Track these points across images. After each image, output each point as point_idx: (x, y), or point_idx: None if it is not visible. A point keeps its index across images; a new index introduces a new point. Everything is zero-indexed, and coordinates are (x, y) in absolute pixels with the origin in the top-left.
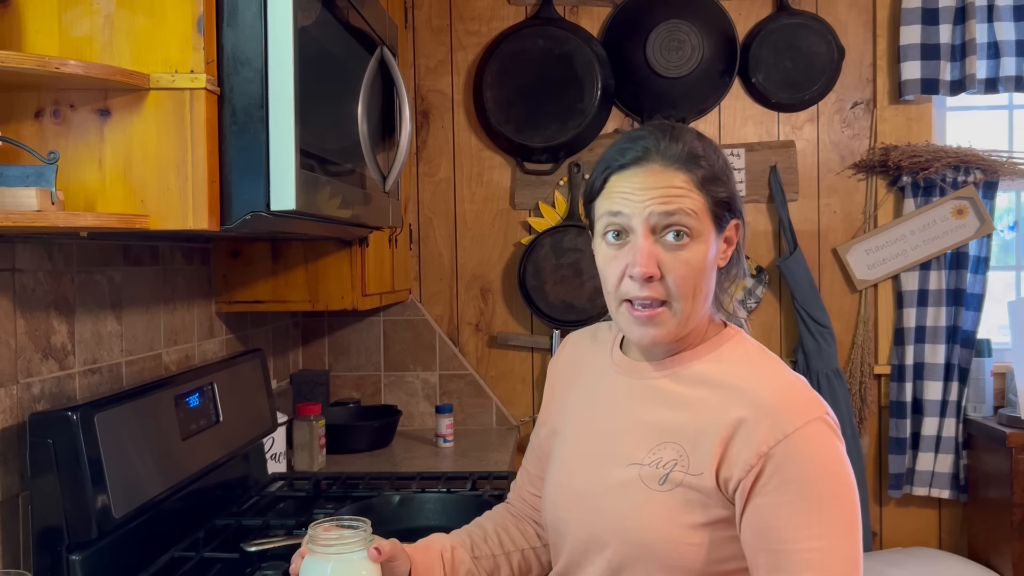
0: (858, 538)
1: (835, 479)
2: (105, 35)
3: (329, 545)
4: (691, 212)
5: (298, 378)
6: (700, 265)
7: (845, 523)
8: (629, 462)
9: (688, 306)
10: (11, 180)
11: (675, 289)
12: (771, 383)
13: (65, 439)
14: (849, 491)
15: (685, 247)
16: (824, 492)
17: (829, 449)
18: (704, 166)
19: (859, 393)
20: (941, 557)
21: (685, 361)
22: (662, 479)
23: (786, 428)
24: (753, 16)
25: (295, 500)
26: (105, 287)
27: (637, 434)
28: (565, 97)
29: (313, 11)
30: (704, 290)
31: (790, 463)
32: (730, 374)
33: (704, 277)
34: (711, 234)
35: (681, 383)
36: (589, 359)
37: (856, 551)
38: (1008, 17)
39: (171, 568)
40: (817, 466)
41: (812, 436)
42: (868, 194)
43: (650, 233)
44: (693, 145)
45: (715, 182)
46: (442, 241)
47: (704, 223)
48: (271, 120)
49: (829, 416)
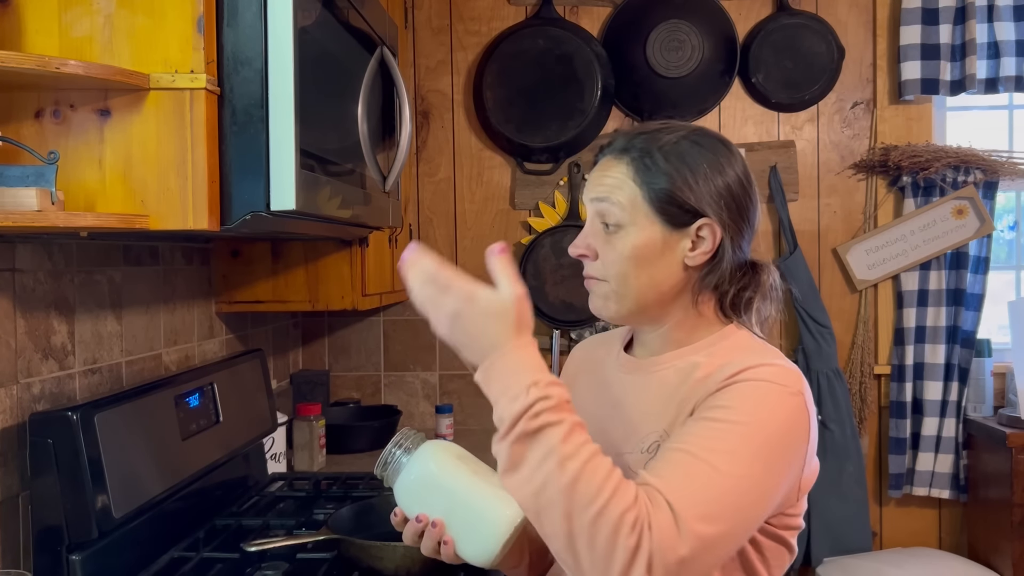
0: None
1: (755, 428)
2: (105, 35)
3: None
4: (617, 202)
5: (298, 378)
6: (627, 252)
7: (747, 458)
8: (622, 452)
9: (622, 287)
10: (11, 180)
11: (604, 270)
12: (760, 356)
13: (65, 439)
14: (762, 450)
15: (614, 234)
16: (739, 426)
17: (772, 409)
18: (639, 158)
19: (859, 393)
20: (941, 557)
21: (683, 356)
22: (647, 465)
23: (743, 376)
24: (753, 16)
25: (295, 500)
26: (105, 287)
27: (631, 426)
28: (565, 97)
29: (313, 11)
30: (643, 278)
31: (727, 392)
32: (720, 359)
33: (637, 265)
34: (650, 227)
35: (676, 374)
36: (597, 361)
37: (743, 493)
38: (1008, 17)
39: (171, 568)
40: (749, 406)
41: (762, 389)
42: (868, 194)
43: (596, 218)
44: (645, 141)
45: (652, 174)
46: (442, 241)
47: (637, 214)
48: (271, 120)
49: (802, 395)
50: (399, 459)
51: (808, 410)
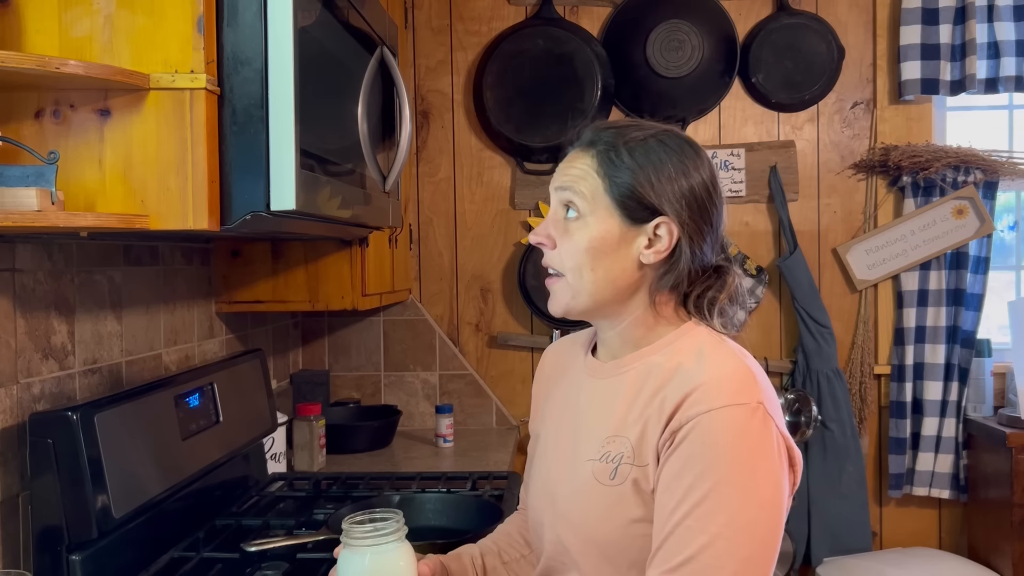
0: (744, 533)
1: (735, 466)
2: (105, 35)
3: (364, 537)
4: (580, 191)
5: (298, 378)
6: (584, 243)
7: (733, 513)
8: (586, 459)
9: (577, 281)
10: (11, 180)
11: (560, 260)
12: (708, 366)
13: (65, 439)
14: (749, 483)
15: (573, 222)
16: (716, 477)
17: (742, 436)
18: (604, 151)
19: (859, 393)
20: (941, 557)
21: (643, 357)
22: (612, 473)
23: (701, 407)
24: (753, 16)
25: (295, 500)
26: (105, 287)
27: (595, 432)
28: (565, 97)
29: (313, 11)
30: (599, 272)
31: (694, 439)
32: (676, 363)
33: (594, 257)
34: (609, 220)
35: (636, 377)
36: (567, 365)
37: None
38: (1008, 17)
39: (171, 568)
40: (719, 449)
41: (725, 419)
42: (868, 194)
43: (558, 207)
44: (613, 135)
45: (616, 167)
46: (442, 241)
47: (597, 206)
48: (271, 120)
49: (761, 405)
50: (378, 536)
51: (772, 416)
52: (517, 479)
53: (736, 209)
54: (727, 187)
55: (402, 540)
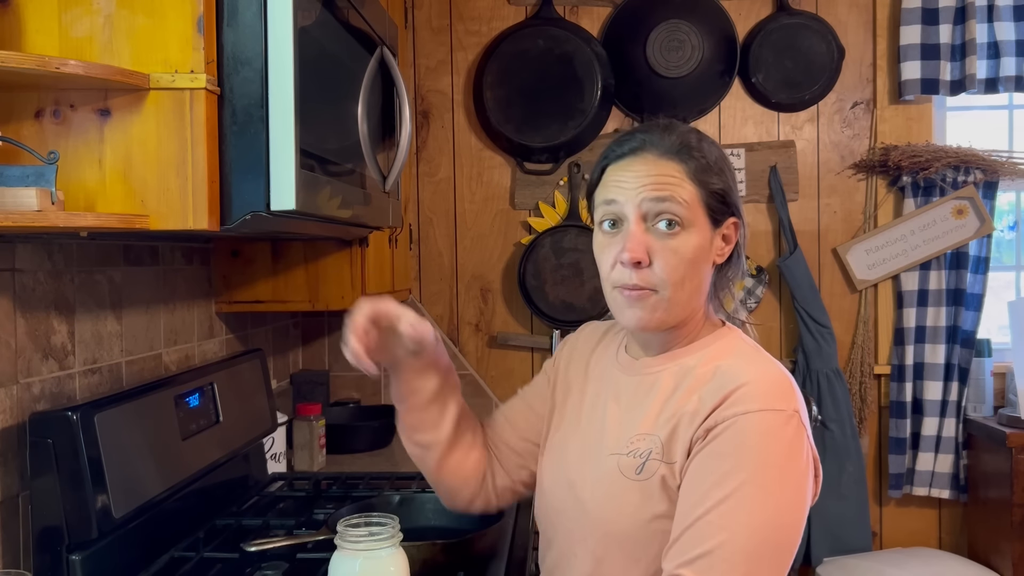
0: (762, 536)
1: (763, 469)
2: (105, 35)
3: (358, 541)
4: (682, 201)
5: (298, 378)
6: (689, 255)
7: (755, 514)
8: (611, 452)
9: (676, 294)
10: (11, 180)
11: (663, 276)
12: (751, 369)
13: (65, 439)
14: (774, 487)
15: (675, 235)
16: (743, 477)
17: (775, 441)
18: (697, 157)
19: (859, 393)
20: (941, 557)
21: (678, 357)
22: (639, 468)
23: (739, 408)
24: (753, 16)
25: (295, 500)
26: (105, 287)
27: (625, 428)
28: (565, 97)
29: (313, 11)
30: (695, 281)
31: (728, 438)
32: (713, 365)
33: (694, 268)
34: (704, 226)
35: (671, 377)
36: (598, 354)
37: (756, 548)
38: (1008, 17)
39: (171, 568)
40: (751, 451)
41: (761, 423)
42: (868, 194)
43: (642, 220)
44: (687, 137)
45: (708, 173)
46: (442, 241)
47: (696, 214)
48: (271, 120)
49: (797, 414)
50: (372, 541)
51: (805, 426)
52: None
53: None
54: None
55: (396, 547)
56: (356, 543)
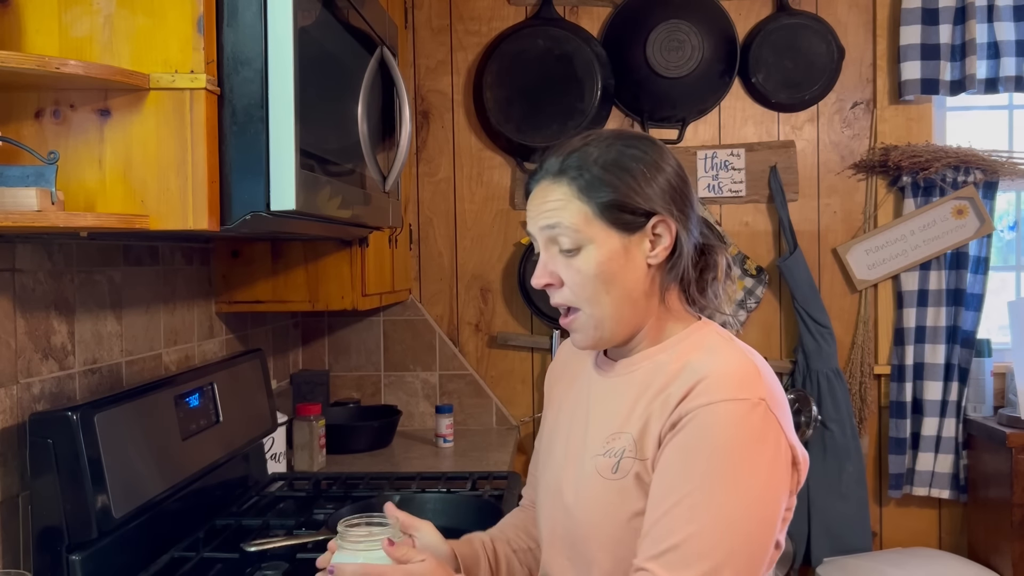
0: (731, 526)
1: (728, 460)
2: (105, 35)
3: (358, 541)
4: (569, 224)
5: (298, 378)
6: (593, 271)
7: (723, 505)
8: (592, 455)
9: (597, 310)
10: (11, 180)
11: (574, 296)
12: (714, 361)
13: (65, 439)
14: (741, 477)
15: (575, 255)
16: (708, 469)
17: (739, 430)
18: (582, 173)
19: (859, 393)
20: (941, 557)
21: (652, 355)
22: (614, 467)
23: (702, 400)
24: (753, 16)
25: (295, 500)
26: (105, 287)
27: (602, 429)
28: (565, 97)
29: (313, 11)
30: (615, 293)
31: (692, 431)
32: (683, 361)
33: (605, 282)
34: (608, 238)
35: (644, 376)
36: (581, 363)
37: (726, 538)
38: (1008, 17)
39: (171, 568)
40: (715, 441)
41: (724, 413)
42: (868, 194)
43: (550, 245)
44: (570, 157)
45: (596, 187)
46: (442, 241)
47: (593, 230)
48: (271, 120)
49: (763, 402)
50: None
51: (775, 414)
52: (517, 479)
53: (736, 209)
54: (727, 187)
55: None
56: (356, 543)
